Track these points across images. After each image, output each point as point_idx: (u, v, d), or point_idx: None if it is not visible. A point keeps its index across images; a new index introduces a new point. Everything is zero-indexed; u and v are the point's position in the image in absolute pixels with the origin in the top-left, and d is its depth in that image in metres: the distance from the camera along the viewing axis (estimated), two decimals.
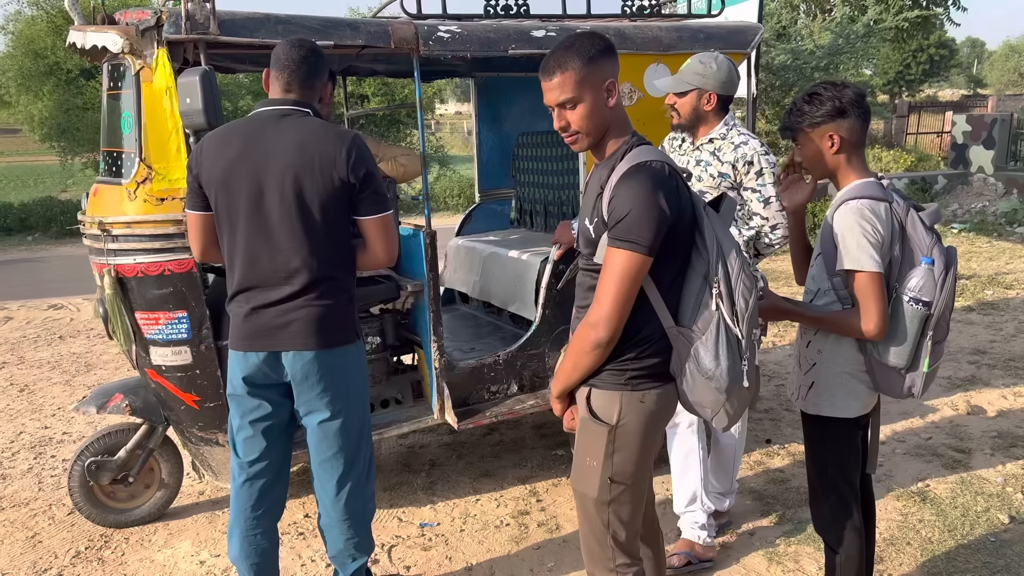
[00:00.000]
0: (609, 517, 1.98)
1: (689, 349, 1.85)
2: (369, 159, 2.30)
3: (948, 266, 2.12)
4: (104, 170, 3.09)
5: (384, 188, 2.36)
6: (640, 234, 1.74)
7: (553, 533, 3.33)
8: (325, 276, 2.32)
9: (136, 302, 2.98)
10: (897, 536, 3.20)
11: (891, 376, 2.19)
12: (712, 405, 1.89)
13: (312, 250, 2.28)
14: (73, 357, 6.25)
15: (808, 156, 2.21)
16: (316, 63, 2.36)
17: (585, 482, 1.98)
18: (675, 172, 1.85)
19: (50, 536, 3.44)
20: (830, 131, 2.13)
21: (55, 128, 13.07)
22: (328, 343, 2.34)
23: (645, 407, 1.91)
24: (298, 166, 2.22)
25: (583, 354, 1.87)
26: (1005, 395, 4.73)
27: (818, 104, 2.13)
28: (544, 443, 4.25)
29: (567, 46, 1.85)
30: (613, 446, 1.91)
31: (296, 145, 2.24)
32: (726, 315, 1.83)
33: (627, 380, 1.89)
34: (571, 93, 1.84)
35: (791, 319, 2.32)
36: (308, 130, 2.27)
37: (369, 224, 2.35)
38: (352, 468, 2.48)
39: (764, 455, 4.00)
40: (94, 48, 2.92)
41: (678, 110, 2.90)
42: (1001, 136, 12.33)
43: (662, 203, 1.74)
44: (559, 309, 3.60)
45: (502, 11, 3.64)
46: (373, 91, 13.90)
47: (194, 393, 3.08)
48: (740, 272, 1.84)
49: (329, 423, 2.41)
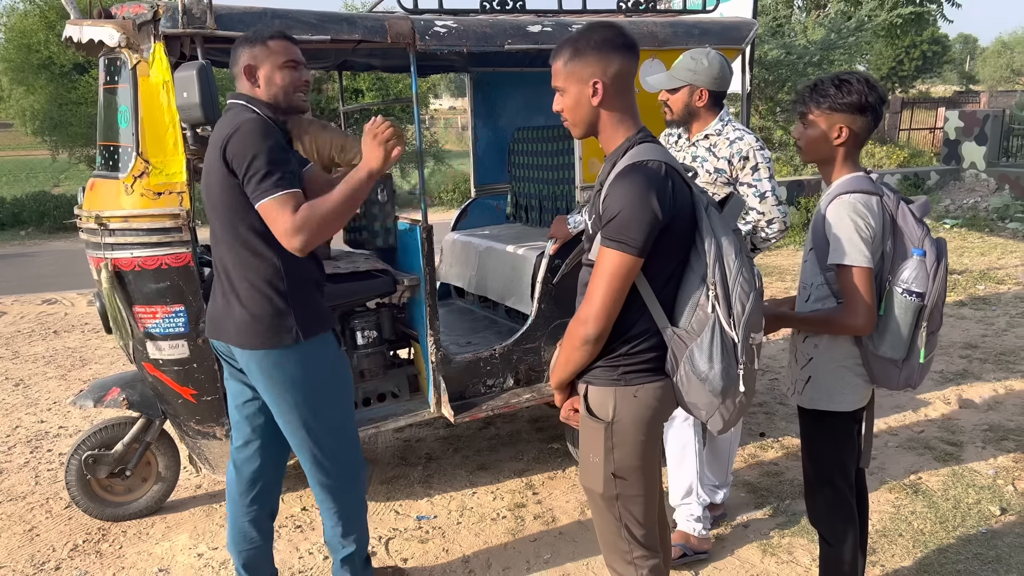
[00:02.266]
0: (620, 511, 1.98)
1: (684, 350, 1.85)
2: (246, 141, 2.14)
3: (939, 257, 2.13)
4: (101, 164, 3.09)
5: (266, 168, 2.13)
6: (630, 234, 1.75)
7: (549, 525, 3.35)
8: (240, 277, 2.29)
9: (133, 296, 2.98)
10: (889, 528, 3.23)
11: (887, 368, 2.21)
12: (707, 407, 1.88)
13: (226, 250, 2.29)
14: (68, 352, 6.24)
15: (811, 137, 2.19)
16: (233, 55, 2.32)
17: (590, 478, 1.99)
18: (673, 171, 1.82)
19: (47, 530, 3.45)
20: (844, 122, 2.13)
21: (48, 123, 12.99)
22: (255, 345, 2.30)
23: (639, 401, 1.90)
24: (211, 165, 2.24)
25: (573, 349, 1.88)
26: (996, 389, 4.77)
27: (846, 92, 2.11)
28: (540, 437, 4.27)
29: (573, 35, 1.88)
30: (612, 442, 1.91)
31: (211, 144, 2.25)
32: (722, 318, 1.81)
33: (620, 375, 1.90)
34: (558, 82, 1.89)
35: (784, 325, 2.32)
36: (218, 125, 2.28)
37: (260, 212, 2.18)
38: (319, 466, 2.47)
39: (758, 448, 4.03)
40: (90, 42, 2.92)
41: (671, 106, 2.92)
42: (993, 132, 12.38)
43: (654, 204, 1.73)
44: (555, 303, 3.61)
45: (498, 6, 3.65)
46: (368, 86, 13.88)
47: (191, 387, 3.09)
48: (739, 274, 1.81)
49: (282, 420, 2.41)
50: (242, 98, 2.31)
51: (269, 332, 2.29)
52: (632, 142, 1.87)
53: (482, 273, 4.29)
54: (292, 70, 2.32)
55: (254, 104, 2.29)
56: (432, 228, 3.39)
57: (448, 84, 38.13)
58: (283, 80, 2.30)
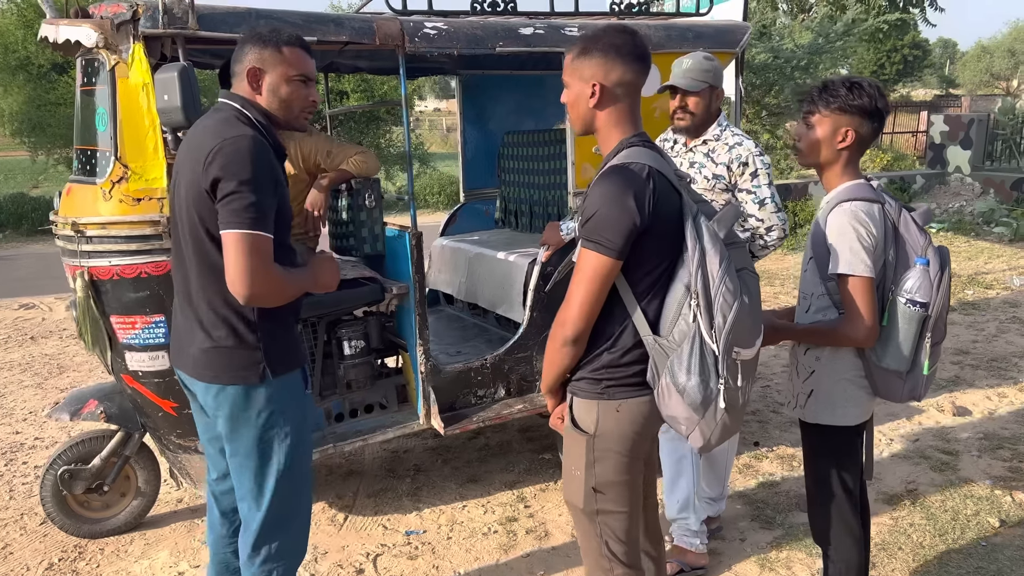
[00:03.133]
0: (600, 527, 1.95)
1: (665, 360, 1.80)
2: (234, 163, 1.88)
3: (943, 266, 2.09)
4: (78, 169, 2.98)
5: (249, 199, 1.88)
6: (605, 235, 1.72)
7: (542, 540, 3.27)
8: (203, 300, 2.02)
9: (111, 306, 2.87)
10: (888, 541, 3.17)
11: (891, 380, 2.16)
12: (686, 422, 1.83)
13: (190, 267, 2.03)
14: (45, 359, 6.08)
15: (813, 139, 2.13)
16: (239, 50, 2.05)
17: (571, 491, 1.98)
18: (658, 174, 1.77)
19: (21, 547, 3.32)
20: (851, 125, 2.08)
21: (26, 123, 12.77)
22: (214, 379, 2.04)
23: (622, 416, 1.87)
24: (186, 174, 1.98)
25: (554, 351, 1.88)
26: (989, 396, 4.75)
27: (857, 95, 2.06)
28: (531, 447, 4.18)
29: (590, 32, 1.90)
30: (593, 455, 1.89)
31: (189, 148, 2.00)
32: (703, 329, 1.75)
33: (603, 389, 1.87)
34: (565, 75, 1.91)
35: (783, 337, 2.26)
36: (200, 128, 2.01)
37: (223, 239, 1.91)
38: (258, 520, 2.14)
39: (753, 458, 3.97)
40: (67, 42, 2.81)
41: (692, 110, 2.80)
42: (978, 136, 12.46)
43: (630, 205, 1.70)
44: (547, 311, 3.53)
45: (489, 8, 3.57)
46: (352, 87, 13.73)
47: (172, 399, 2.98)
48: (722, 284, 1.74)
49: (235, 462, 2.12)
50: (237, 100, 2.04)
51: (232, 366, 2.02)
52: (623, 145, 1.85)
53: (472, 280, 4.20)
54: (302, 86, 2.06)
55: (248, 110, 2.03)
56: (422, 235, 3.30)
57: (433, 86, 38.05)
58: (289, 94, 2.05)
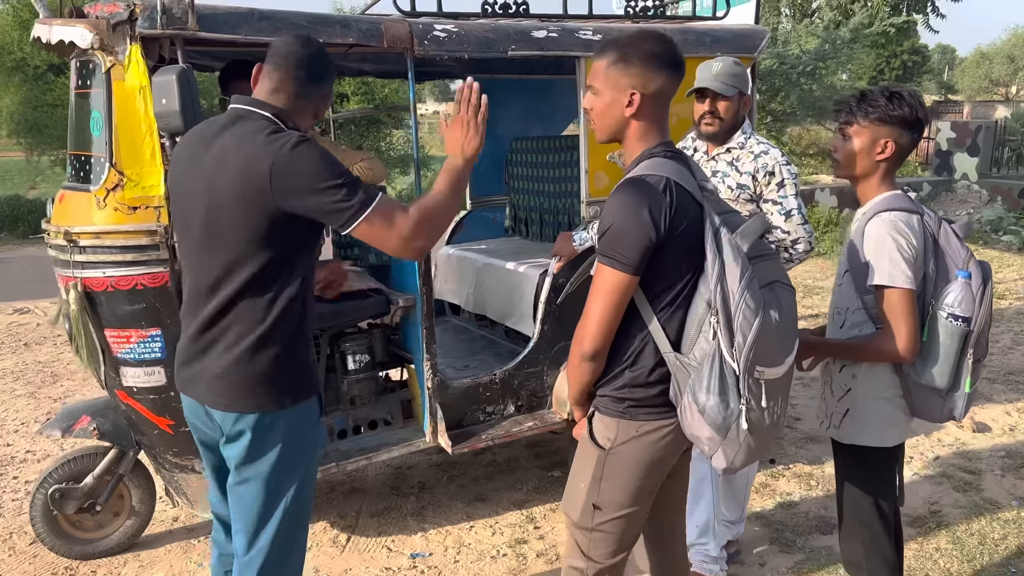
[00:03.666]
0: (589, 547, 1.90)
1: (687, 378, 1.73)
2: (314, 163, 1.82)
3: (985, 280, 2.01)
4: (71, 175, 2.85)
5: (348, 186, 1.83)
6: (620, 250, 1.68)
7: (553, 564, 3.14)
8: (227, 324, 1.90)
9: (105, 319, 2.74)
10: (915, 567, 3.04)
11: (930, 399, 2.07)
12: (709, 442, 1.76)
13: (228, 294, 1.89)
14: (39, 367, 5.95)
15: (851, 150, 2.05)
16: (321, 69, 1.95)
17: (570, 503, 1.93)
18: (678, 186, 1.69)
19: (10, 569, 3.18)
20: (891, 136, 2.00)
21: (22, 124, 12.63)
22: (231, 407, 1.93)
23: (641, 439, 1.82)
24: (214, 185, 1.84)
25: (574, 367, 1.86)
26: (1009, 411, 4.62)
27: (898, 105, 1.98)
28: (539, 464, 4.05)
29: (624, 37, 1.78)
30: (602, 471, 1.85)
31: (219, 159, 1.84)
32: (723, 346, 1.67)
33: (626, 408, 1.83)
34: (596, 81, 1.81)
35: (816, 354, 2.17)
36: (238, 137, 1.85)
37: (361, 231, 1.85)
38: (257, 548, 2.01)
39: (769, 476, 3.84)
40: (61, 43, 2.68)
41: (722, 115, 2.69)
42: (986, 143, 12.36)
43: (645, 218, 1.65)
44: (559, 325, 3.40)
45: (500, 10, 3.46)
46: (353, 90, 13.57)
47: (168, 416, 2.85)
48: (742, 301, 1.66)
49: (237, 491, 2.00)
50: (268, 108, 1.89)
51: (251, 393, 1.91)
52: (644, 156, 1.78)
53: (480, 291, 4.07)
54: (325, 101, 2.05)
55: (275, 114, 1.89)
56: None
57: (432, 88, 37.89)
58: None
